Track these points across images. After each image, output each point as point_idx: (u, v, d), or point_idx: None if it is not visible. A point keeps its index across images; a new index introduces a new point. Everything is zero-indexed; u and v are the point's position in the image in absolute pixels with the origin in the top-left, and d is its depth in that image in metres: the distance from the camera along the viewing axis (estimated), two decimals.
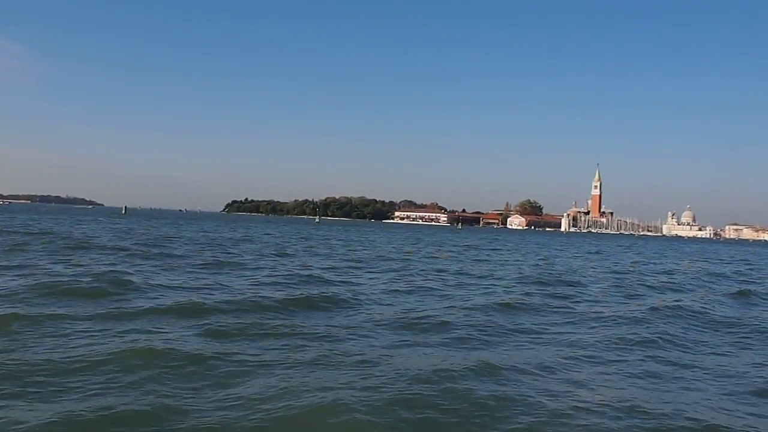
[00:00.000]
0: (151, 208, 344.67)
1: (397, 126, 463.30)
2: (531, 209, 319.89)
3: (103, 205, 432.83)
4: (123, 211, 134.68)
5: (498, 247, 55.70)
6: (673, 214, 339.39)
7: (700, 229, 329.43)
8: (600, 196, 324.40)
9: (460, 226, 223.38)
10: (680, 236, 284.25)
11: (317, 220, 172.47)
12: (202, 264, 23.00)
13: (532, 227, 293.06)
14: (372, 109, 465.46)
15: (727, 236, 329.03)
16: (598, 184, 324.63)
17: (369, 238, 65.24)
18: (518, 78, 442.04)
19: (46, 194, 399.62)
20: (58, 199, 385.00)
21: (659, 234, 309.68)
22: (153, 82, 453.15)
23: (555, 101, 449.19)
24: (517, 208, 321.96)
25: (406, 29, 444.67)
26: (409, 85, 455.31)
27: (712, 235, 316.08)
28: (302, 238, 55.28)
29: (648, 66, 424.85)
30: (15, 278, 15.74)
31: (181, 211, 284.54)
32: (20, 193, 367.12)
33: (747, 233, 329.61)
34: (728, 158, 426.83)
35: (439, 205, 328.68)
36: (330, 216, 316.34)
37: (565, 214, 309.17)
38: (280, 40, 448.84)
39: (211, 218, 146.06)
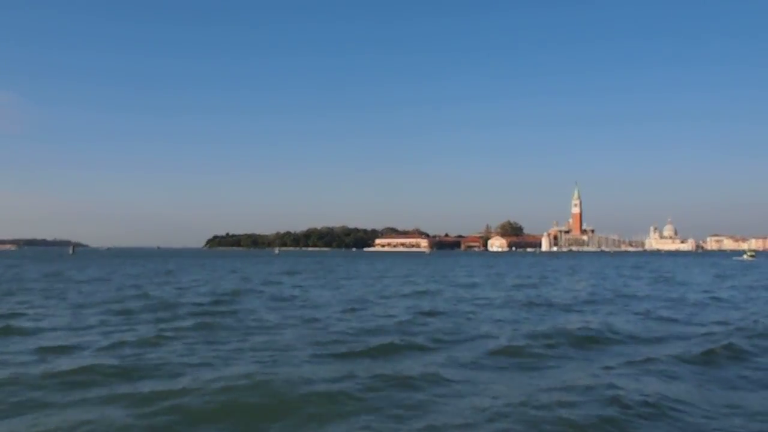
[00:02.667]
0: (132, 247, 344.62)
1: (378, 153, 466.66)
2: (512, 230, 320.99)
3: (89, 246, 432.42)
4: (71, 251, 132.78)
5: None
6: (655, 228, 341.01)
7: (682, 242, 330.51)
8: (580, 214, 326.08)
9: (428, 252, 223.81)
10: (659, 250, 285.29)
11: (277, 251, 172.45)
12: None
13: (513, 248, 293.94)
14: (353, 138, 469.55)
15: (708, 248, 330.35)
16: (578, 202, 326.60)
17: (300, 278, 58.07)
18: (495, 100, 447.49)
19: (31, 237, 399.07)
20: (44, 243, 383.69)
21: (640, 249, 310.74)
22: (131, 120, 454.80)
23: (532, 121, 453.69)
24: (498, 230, 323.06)
25: (386, 56, 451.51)
26: (390, 112, 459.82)
27: (693, 248, 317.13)
28: (162, 277, 53.80)
29: (625, 80, 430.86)
30: None
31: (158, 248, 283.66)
32: (5, 238, 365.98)
33: (728, 244, 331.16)
34: (709, 170, 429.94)
35: (422, 230, 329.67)
36: (311, 246, 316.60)
37: (545, 234, 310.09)
38: (258, 73, 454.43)
39: (173, 255, 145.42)
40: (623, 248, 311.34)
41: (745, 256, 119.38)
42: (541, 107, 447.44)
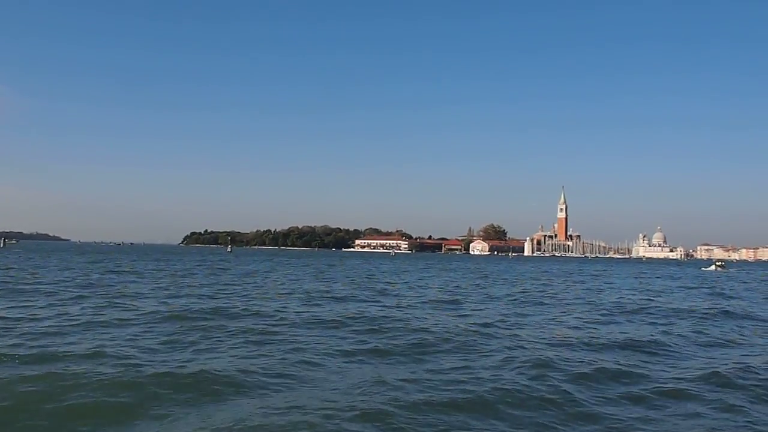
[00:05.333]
0: (94, 242, 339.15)
1: (367, 154, 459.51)
2: (495, 234, 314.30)
3: (69, 240, 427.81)
4: (1, 244, 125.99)
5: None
6: (644, 236, 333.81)
7: (671, 251, 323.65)
8: (566, 219, 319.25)
9: (393, 253, 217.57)
10: (642, 258, 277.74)
11: (229, 249, 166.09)
12: None
13: (495, 252, 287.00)
14: (344, 139, 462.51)
15: (698, 257, 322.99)
16: (564, 206, 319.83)
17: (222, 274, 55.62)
18: (485, 102, 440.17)
19: (8, 230, 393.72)
20: (20, 235, 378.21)
21: (626, 256, 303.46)
22: (113, 114, 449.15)
23: (523, 125, 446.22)
24: (481, 233, 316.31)
25: (370, 57, 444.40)
26: (374, 113, 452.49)
27: (682, 256, 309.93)
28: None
29: (613, 86, 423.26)
30: None
31: (119, 244, 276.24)
32: None
33: (718, 253, 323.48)
34: (702, 178, 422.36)
35: (405, 232, 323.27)
36: (290, 246, 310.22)
37: (528, 239, 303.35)
38: (244, 69, 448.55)
39: (131, 251, 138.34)
40: (610, 255, 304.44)
41: (713, 267, 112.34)
42: (535, 111, 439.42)
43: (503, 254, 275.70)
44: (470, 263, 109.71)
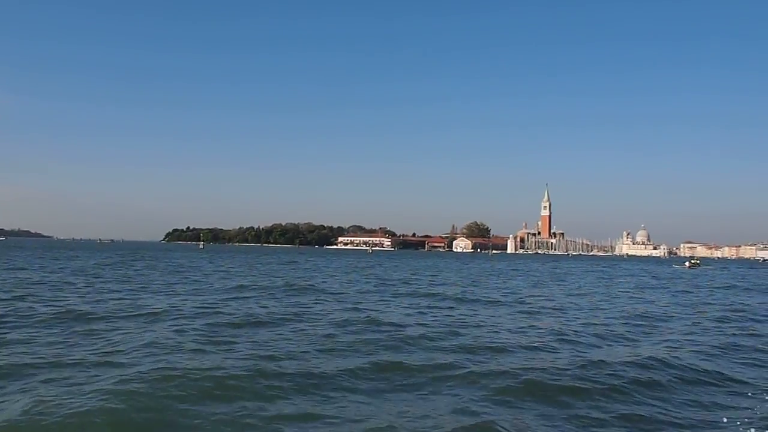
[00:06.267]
0: (72, 239, 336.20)
1: (350, 151, 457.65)
2: (478, 231, 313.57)
3: (52, 237, 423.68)
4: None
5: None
6: (628, 234, 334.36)
7: (654, 248, 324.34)
8: (550, 216, 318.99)
9: (370, 251, 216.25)
10: (622, 256, 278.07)
11: (201, 246, 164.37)
12: None
13: (479, 249, 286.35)
14: (324, 136, 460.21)
15: (681, 254, 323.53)
16: (547, 204, 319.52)
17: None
18: (470, 99, 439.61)
19: None
20: (2, 232, 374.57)
21: (609, 254, 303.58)
22: (95, 111, 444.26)
23: (505, 123, 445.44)
24: (464, 230, 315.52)
25: (349, 54, 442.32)
26: (361, 111, 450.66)
27: (666, 254, 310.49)
28: None
29: (598, 83, 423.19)
30: None
31: (112, 240, 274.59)
32: None
33: (701, 251, 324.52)
34: (687, 178, 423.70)
35: (389, 229, 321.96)
36: (272, 243, 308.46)
37: (511, 236, 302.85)
38: (225, 67, 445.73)
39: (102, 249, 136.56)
40: (594, 252, 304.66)
41: (687, 264, 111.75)
42: (521, 109, 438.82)
43: (486, 251, 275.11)
44: (434, 260, 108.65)
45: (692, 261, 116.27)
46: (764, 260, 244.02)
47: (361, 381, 10.03)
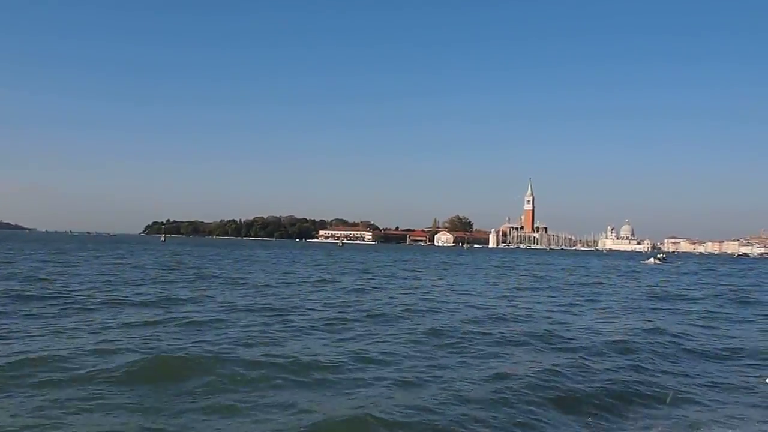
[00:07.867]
0: (47, 231, 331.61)
1: (333, 144, 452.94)
2: (461, 226, 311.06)
3: (35, 229, 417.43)
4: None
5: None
6: (612, 229, 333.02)
7: (638, 243, 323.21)
8: (533, 211, 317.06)
9: (341, 244, 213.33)
10: (602, 250, 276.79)
11: (163, 239, 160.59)
12: None
13: (461, 244, 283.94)
14: (308, 129, 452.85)
15: (665, 249, 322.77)
16: (530, 198, 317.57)
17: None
18: (454, 93, 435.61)
19: None
20: None
21: (592, 248, 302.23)
22: (76, 103, 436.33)
23: (489, 116, 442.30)
24: (446, 224, 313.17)
25: (333, 48, 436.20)
26: (342, 105, 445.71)
27: (649, 249, 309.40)
28: None
29: (582, 77, 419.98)
30: None
31: (88, 233, 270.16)
32: None
33: (684, 246, 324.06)
34: (672, 173, 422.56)
35: (371, 223, 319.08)
36: (252, 236, 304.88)
37: (492, 230, 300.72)
38: (206, 61, 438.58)
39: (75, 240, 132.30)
40: (577, 247, 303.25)
41: (651, 260, 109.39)
42: (504, 102, 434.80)
43: (468, 246, 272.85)
44: (399, 254, 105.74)
45: (658, 257, 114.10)
46: (739, 255, 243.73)
47: None
